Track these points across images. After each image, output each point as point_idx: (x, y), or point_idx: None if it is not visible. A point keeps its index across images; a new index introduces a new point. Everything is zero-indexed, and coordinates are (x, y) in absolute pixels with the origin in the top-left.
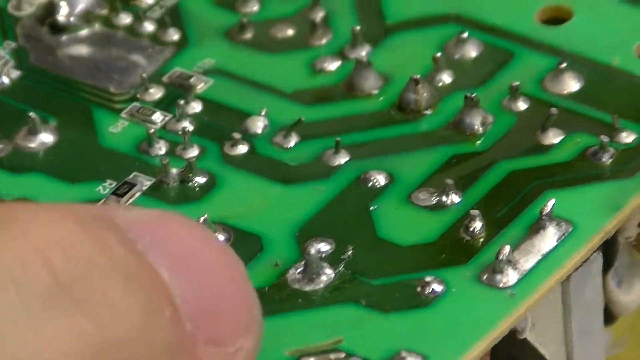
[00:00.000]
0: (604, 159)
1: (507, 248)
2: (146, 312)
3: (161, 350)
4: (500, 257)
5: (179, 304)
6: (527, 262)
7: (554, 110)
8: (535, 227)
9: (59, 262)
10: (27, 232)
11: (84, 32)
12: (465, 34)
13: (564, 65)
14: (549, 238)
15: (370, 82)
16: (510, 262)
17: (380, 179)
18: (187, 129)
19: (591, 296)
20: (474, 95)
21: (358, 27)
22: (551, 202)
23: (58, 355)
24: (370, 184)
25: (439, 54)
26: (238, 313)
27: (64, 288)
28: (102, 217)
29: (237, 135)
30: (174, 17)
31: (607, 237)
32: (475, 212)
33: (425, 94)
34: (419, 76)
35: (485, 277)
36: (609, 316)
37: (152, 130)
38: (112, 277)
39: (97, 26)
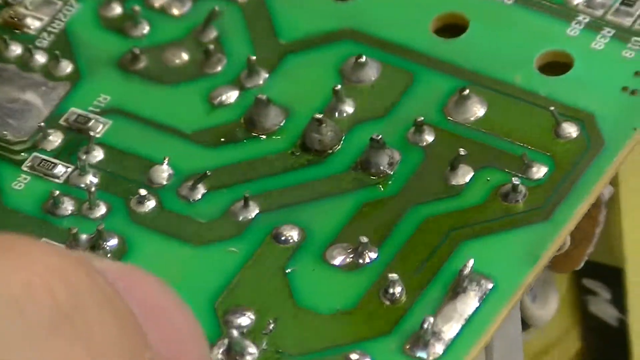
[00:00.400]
0: (516, 200)
1: (430, 320)
2: (134, 351)
3: None
4: (425, 329)
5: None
6: (451, 329)
7: (462, 151)
8: (456, 289)
9: (61, 291)
10: (29, 259)
11: None
12: (363, 58)
13: (466, 92)
14: (470, 300)
15: (272, 120)
16: (435, 333)
17: (293, 235)
18: (91, 188)
19: (512, 332)
20: (379, 137)
21: (254, 57)
22: (470, 263)
23: None
24: (283, 240)
25: (338, 86)
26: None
27: (66, 316)
28: (84, 259)
29: (143, 192)
30: (63, 45)
31: (527, 290)
32: (394, 276)
33: (329, 133)
34: (321, 116)
35: (410, 349)
36: (524, 325)
37: (56, 193)
38: (107, 312)
39: None
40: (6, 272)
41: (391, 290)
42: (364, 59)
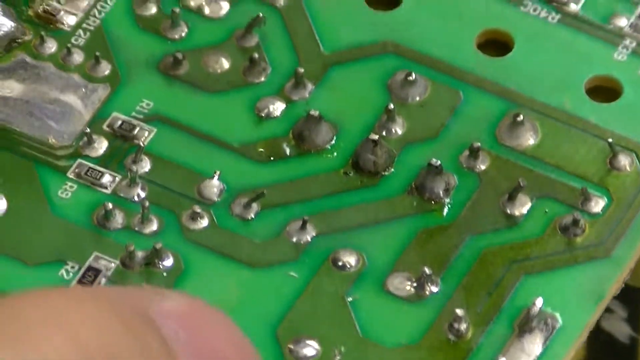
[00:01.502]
0: (575, 234)
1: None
2: None
3: None
4: None
5: None
6: None
7: (522, 181)
8: (523, 328)
9: None
10: (66, 325)
11: (7, 64)
12: (413, 76)
13: (521, 118)
14: (537, 339)
15: (322, 136)
16: None
17: (351, 261)
18: (145, 203)
19: None
20: (438, 163)
21: (302, 70)
22: (539, 303)
23: None
24: (341, 265)
25: (391, 106)
26: None
27: None
28: (139, 309)
29: (197, 209)
30: (100, 43)
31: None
32: (460, 312)
33: (383, 155)
34: (377, 137)
35: None
36: None
37: (110, 206)
38: None
39: (20, 56)
40: (42, 341)
41: (456, 326)
42: (413, 76)
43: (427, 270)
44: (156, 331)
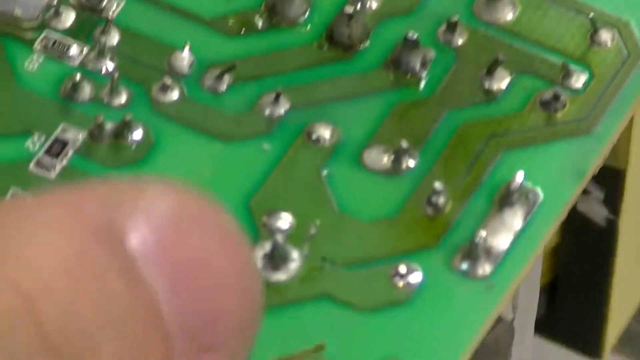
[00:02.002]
0: (556, 109)
1: (482, 234)
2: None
3: None
4: (475, 243)
5: (175, 331)
6: (500, 244)
7: (501, 55)
8: (503, 202)
9: (48, 316)
10: (17, 263)
11: None
12: None
13: None
14: (518, 213)
15: (295, 9)
16: (484, 249)
17: (326, 135)
18: (115, 74)
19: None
20: (415, 36)
21: None
22: (520, 176)
23: None
24: (315, 139)
25: None
26: (240, 317)
27: (53, 350)
28: (106, 229)
29: (167, 81)
30: None
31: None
32: (439, 185)
33: (358, 28)
34: (351, 10)
35: (458, 264)
36: None
37: (77, 78)
38: (105, 332)
39: None
40: None
41: (435, 200)
42: None
43: (404, 143)
44: (117, 249)
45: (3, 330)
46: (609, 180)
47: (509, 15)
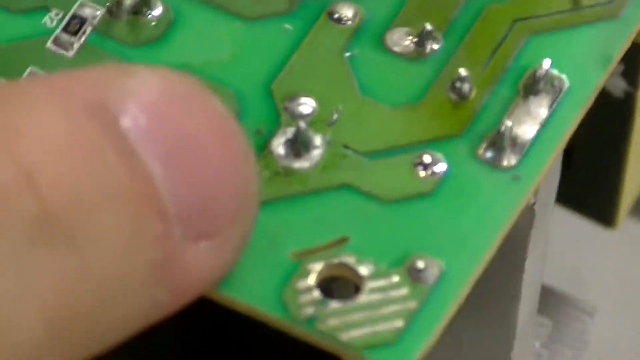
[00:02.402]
0: None
1: (508, 124)
2: (134, 235)
3: (146, 270)
4: (501, 133)
5: (170, 209)
6: (525, 134)
7: None
8: (528, 89)
9: (47, 189)
10: (15, 140)
11: None
12: None
13: None
14: (544, 101)
15: None
16: (510, 138)
17: (348, 14)
18: None
19: None
20: None
21: None
22: (547, 63)
23: (36, 298)
24: (337, 18)
25: None
26: (233, 200)
27: (51, 221)
28: (97, 107)
29: None
30: None
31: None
32: (463, 71)
33: None
34: None
35: (483, 154)
36: None
37: None
38: (102, 203)
39: None
40: None
41: (459, 85)
42: None
43: (428, 26)
44: (110, 125)
45: (3, 203)
46: (629, 53)
47: None
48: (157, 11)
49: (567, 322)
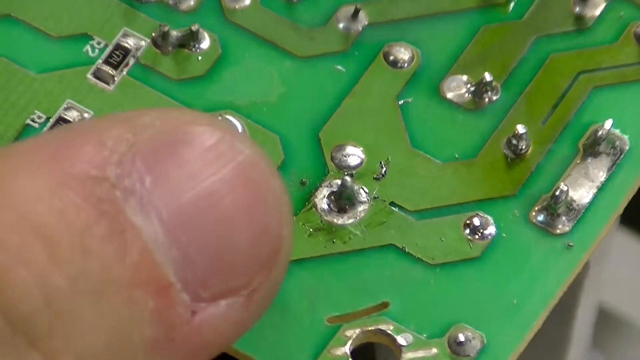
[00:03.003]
0: None
1: (564, 188)
2: (123, 323)
3: (141, 351)
4: (556, 197)
5: (173, 281)
6: (582, 199)
7: None
8: (587, 150)
9: (11, 292)
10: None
11: None
12: None
13: None
14: (603, 164)
15: None
16: (565, 203)
17: (405, 57)
18: None
19: None
20: None
21: None
22: (608, 124)
23: None
24: (393, 61)
25: None
26: (258, 252)
27: (16, 331)
28: (91, 177)
29: None
30: None
31: None
32: (521, 128)
33: None
34: None
35: (536, 217)
36: None
37: None
38: (81, 297)
39: None
40: None
41: (515, 142)
42: None
43: (487, 76)
44: (103, 198)
45: None
46: None
47: None
48: (205, 44)
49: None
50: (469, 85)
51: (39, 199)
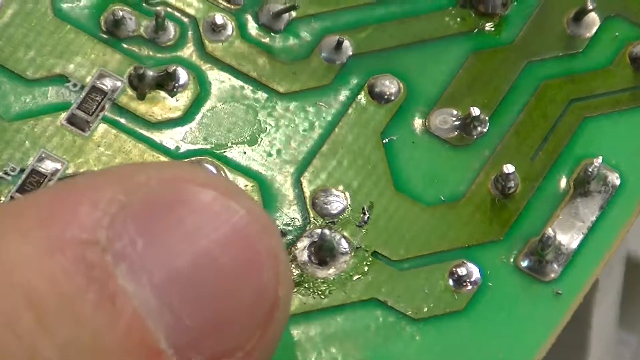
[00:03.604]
0: None
1: (552, 232)
2: None
3: None
4: (544, 242)
5: (165, 346)
6: (572, 242)
7: (590, 5)
8: (577, 189)
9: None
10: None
11: None
12: None
13: None
14: (594, 203)
15: None
16: (554, 248)
17: (391, 89)
18: (161, 13)
19: None
20: None
21: None
22: (598, 161)
23: None
24: (378, 93)
25: None
26: (255, 315)
27: None
28: (84, 243)
29: (219, 20)
30: None
31: None
32: (510, 168)
33: None
34: None
35: (525, 264)
36: None
37: (120, 14)
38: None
39: None
40: None
41: (503, 182)
42: None
43: (474, 111)
44: (95, 265)
45: None
46: None
47: None
48: (183, 83)
49: None
50: (456, 120)
51: (29, 264)
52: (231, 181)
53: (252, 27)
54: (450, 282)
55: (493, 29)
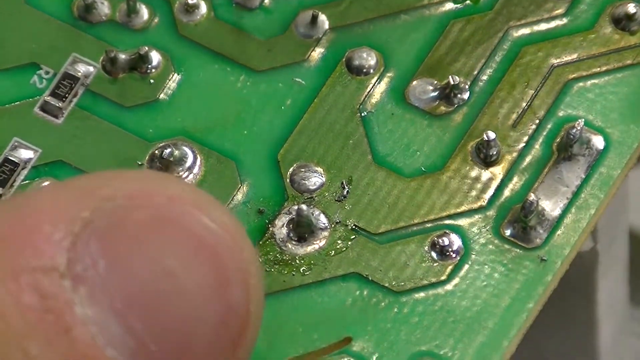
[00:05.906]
0: (630, 30)
1: (535, 200)
2: None
3: None
4: (527, 210)
5: None
6: (555, 208)
7: None
8: (560, 154)
9: None
10: None
11: None
12: None
13: None
14: (578, 167)
15: None
16: (537, 214)
17: (369, 61)
18: None
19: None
20: None
21: None
22: (580, 124)
23: None
24: (357, 66)
25: None
26: (221, 331)
27: None
28: (46, 269)
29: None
30: None
31: None
32: (491, 135)
33: None
34: None
35: (508, 232)
36: None
37: None
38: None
39: None
40: None
41: (485, 149)
42: None
43: (455, 78)
44: (49, 295)
45: None
46: None
47: None
48: (157, 65)
49: None
50: (435, 90)
51: None
52: (202, 191)
53: (226, 6)
54: (433, 253)
55: None
